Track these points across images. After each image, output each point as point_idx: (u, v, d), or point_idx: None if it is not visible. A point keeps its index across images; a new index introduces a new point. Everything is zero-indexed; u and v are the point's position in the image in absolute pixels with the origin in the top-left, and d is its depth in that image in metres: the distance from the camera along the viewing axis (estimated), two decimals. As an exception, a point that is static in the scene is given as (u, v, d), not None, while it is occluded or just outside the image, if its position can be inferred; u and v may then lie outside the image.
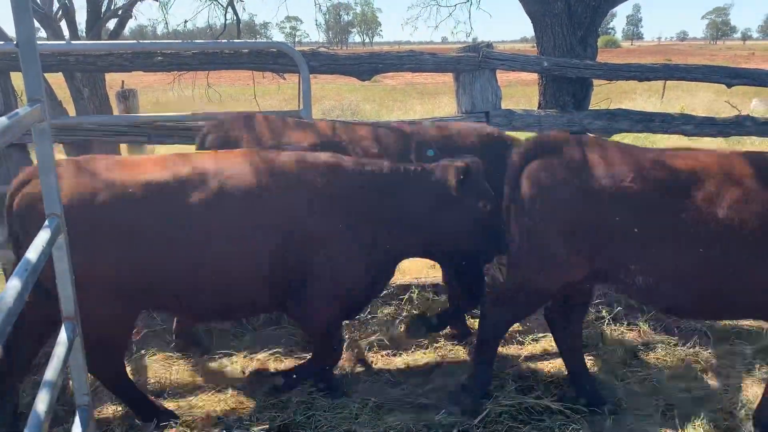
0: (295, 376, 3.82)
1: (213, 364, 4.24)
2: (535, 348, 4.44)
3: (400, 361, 4.28)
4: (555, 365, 4.17)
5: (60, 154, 7.39)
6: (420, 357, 4.34)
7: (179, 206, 3.17)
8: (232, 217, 3.24)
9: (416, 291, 5.04)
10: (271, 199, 3.32)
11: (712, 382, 3.89)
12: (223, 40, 6.54)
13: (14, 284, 1.66)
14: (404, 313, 4.90)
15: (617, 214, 3.20)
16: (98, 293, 3.08)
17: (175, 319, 4.37)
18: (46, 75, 5.83)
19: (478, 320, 3.90)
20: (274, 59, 4.97)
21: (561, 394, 3.77)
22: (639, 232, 3.17)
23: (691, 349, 4.33)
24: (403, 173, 3.63)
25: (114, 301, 3.17)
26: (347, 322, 4.74)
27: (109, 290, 3.13)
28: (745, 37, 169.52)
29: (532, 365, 4.20)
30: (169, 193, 3.18)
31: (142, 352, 4.31)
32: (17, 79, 4.39)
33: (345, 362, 4.18)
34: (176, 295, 3.32)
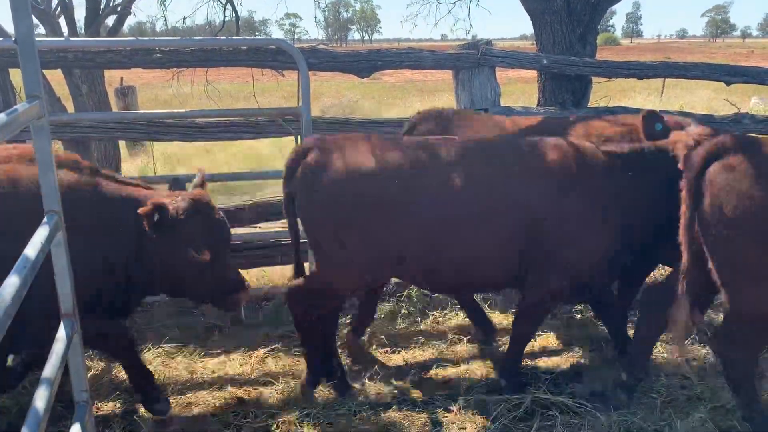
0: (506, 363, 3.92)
1: (212, 361, 4.25)
2: (533, 346, 4.44)
3: (399, 358, 4.29)
4: (554, 363, 4.18)
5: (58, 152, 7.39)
6: (419, 354, 4.35)
7: (439, 186, 3.44)
8: (486, 197, 3.47)
9: (415, 288, 5.04)
10: (519, 180, 3.50)
11: (711, 379, 3.89)
12: (221, 37, 6.53)
13: (13, 281, 1.66)
14: (402, 310, 4.91)
15: None
16: (361, 257, 3.49)
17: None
18: (44, 72, 5.81)
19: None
20: (273, 56, 4.96)
21: (558, 392, 3.78)
22: None
23: (689, 347, 4.33)
24: (640, 152, 3.63)
25: (373, 265, 3.55)
26: (347, 320, 4.76)
27: (371, 256, 3.48)
28: (745, 35, 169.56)
29: (531, 362, 4.20)
30: (434, 173, 3.46)
31: (141, 348, 4.31)
32: (16, 76, 4.38)
33: (344, 360, 4.19)
34: (428, 267, 3.57)
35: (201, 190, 3.50)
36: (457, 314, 4.91)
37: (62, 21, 9.17)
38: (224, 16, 10.25)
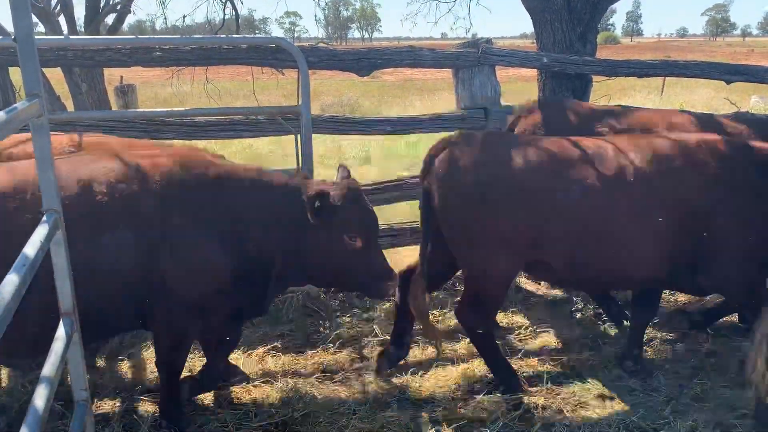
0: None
1: (211, 360, 4.23)
2: (533, 345, 4.44)
3: (398, 357, 4.28)
4: (554, 363, 4.18)
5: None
6: (417, 353, 4.34)
7: (590, 182, 3.47)
8: (636, 194, 3.49)
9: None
10: (668, 177, 3.52)
11: (711, 378, 3.89)
12: (221, 35, 6.51)
13: (12, 279, 1.66)
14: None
15: None
16: (506, 251, 3.54)
17: None
18: (44, 70, 5.80)
19: None
20: (272, 54, 4.95)
21: (558, 393, 3.77)
22: None
23: (689, 346, 4.33)
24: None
25: (513, 259, 3.60)
26: (347, 319, 4.76)
27: (515, 249, 3.55)
28: (745, 33, 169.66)
29: (531, 362, 4.19)
30: (581, 170, 3.50)
31: (140, 347, 4.31)
32: (16, 74, 4.37)
33: (344, 359, 4.19)
34: (581, 263, 3.60)
35: (352, 179, 3.53)
36: (457, 313, 4.89)
37: (62, 19, 9.18)
38: (224, 15, 10.27)
